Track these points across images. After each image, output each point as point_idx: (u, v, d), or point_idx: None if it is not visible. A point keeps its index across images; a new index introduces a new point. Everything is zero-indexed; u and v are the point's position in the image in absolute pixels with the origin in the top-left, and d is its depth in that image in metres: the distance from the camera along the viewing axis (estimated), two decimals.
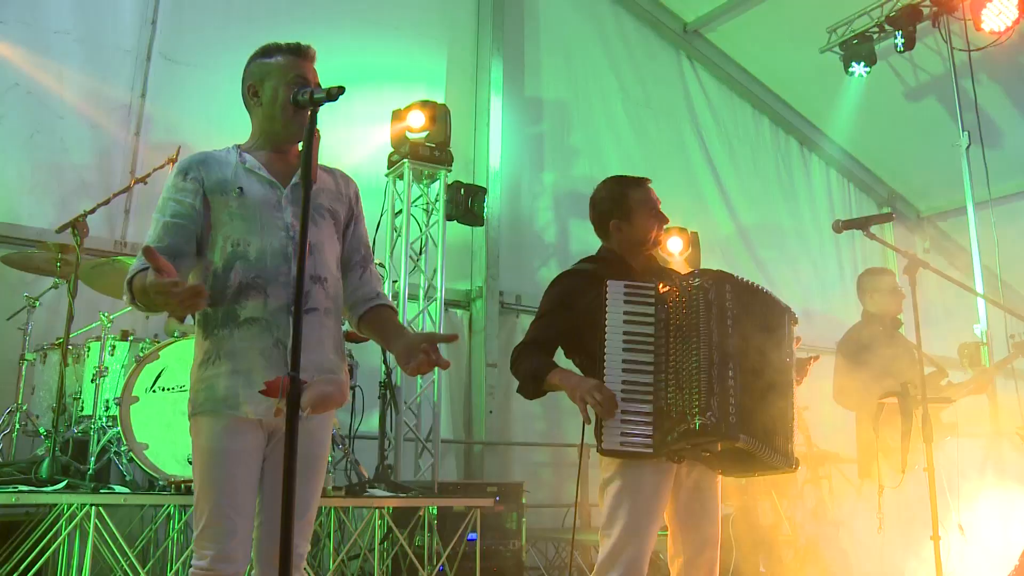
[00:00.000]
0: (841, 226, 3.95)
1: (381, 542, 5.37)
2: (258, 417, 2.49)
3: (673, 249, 8.05)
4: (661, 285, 2.95)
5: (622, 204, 3.27)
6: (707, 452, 2.89)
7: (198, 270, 2.62)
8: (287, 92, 2.60)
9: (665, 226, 3.29)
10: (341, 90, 2.33)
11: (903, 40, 7.90)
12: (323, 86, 2.43)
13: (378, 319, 2.80)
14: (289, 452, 2.16)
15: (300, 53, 2.68)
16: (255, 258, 2.54)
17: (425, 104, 6.84)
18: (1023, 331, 5.37)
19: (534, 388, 3.11)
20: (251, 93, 2.69)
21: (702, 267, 7.32)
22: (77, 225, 4.57)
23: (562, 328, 3.20)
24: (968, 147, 7.58)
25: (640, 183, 3.31)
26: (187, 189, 2.58)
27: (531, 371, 3.08)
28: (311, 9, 7.22)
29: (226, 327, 2.53)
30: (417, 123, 6.79)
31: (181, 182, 2.59)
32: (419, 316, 6.96)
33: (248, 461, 2.50)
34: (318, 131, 2.38)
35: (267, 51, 2.70)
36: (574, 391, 2.90)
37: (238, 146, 2.71)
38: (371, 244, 6.54)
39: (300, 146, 2.66)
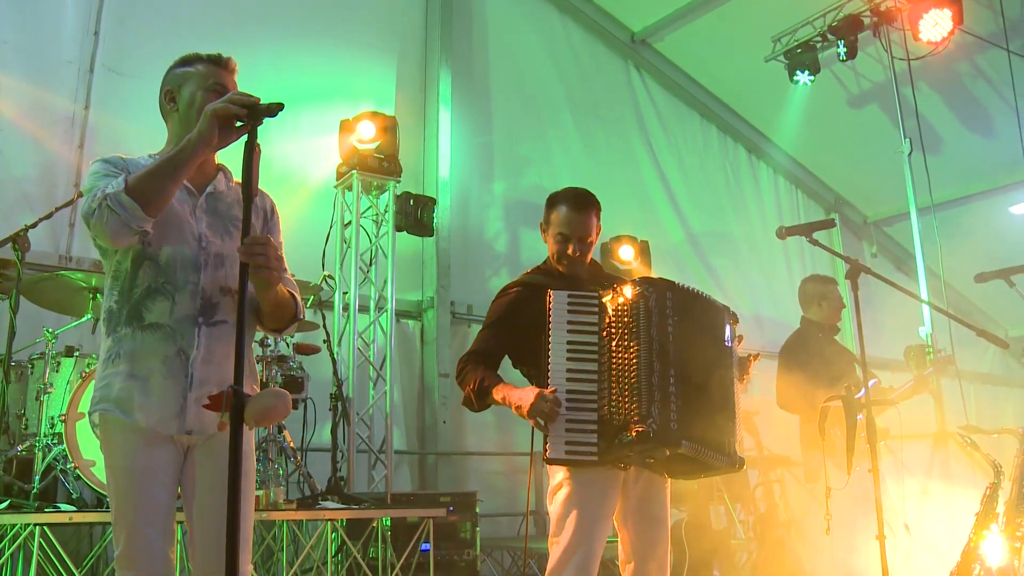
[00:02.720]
0: (784, 232, 3.99)
1: (335, 555, 5.34)
2: (148, 426, 2.43)
3: (625, 257, 8.13)
4: (603, 294, 2.98)
5: (547, 213, 3.35)
6: (651, 459, 2.93)
7: (109, 263, 2.58)
8: (205, 97, 2.59)
9: (567, 253, 3.24)
10: (280, 107, 2.34)
11: (845, 49, 8.06)
12: (265, 101, 2.42)
13: None
14: (233, 467, 2.14)
15: (220, 63, 2.68)
16: (164, 263, 2.50)
17: (374, 115, 6.86)
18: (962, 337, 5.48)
19: (478, 404, 3.15)
20: (168, 99, 2.67)
21: (651, 275, 7.37)
22: (17, 240, 4.49)
23: (508, 339, 3.23)
24: (910, 154, 7.76)
25: (574, 203, 3.28)
26: (115, 173, 2.50)
27: (475, 386, 3.12)
28: (258, 21, 7.17)
29: (129, 326, 2.49)
30: (366, 134, 6.79)
31: (110, 168, 2.54)
32: (370, 327, 6.94)
33: (163, 479, 2.45)
34: (259, 146, 2.38)
35: (186, 60, 2.69)
36: (520, 409, 2.92)
37: (154, 155, 2.65)
38: (321, 255, 6.54)
39: (218, 157, 2.70)
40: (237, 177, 2.75)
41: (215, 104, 2.39)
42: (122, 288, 2.52)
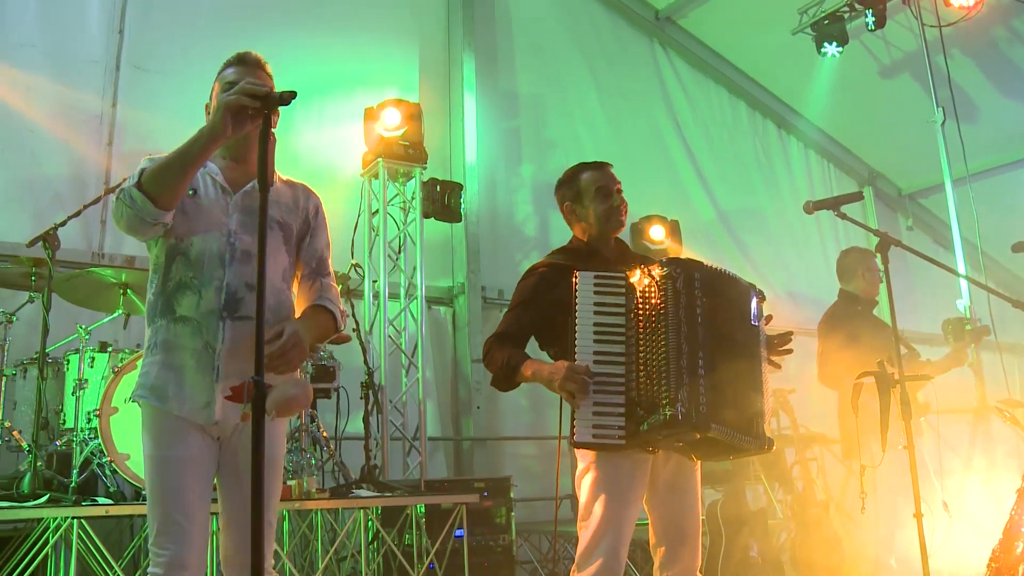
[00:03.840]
0: (812, 207, 3.93)
1: (370, 542, 5.37)
2: (180, 415, 2.53)
3: (656, 237, 8.07)
4: (630, 274, 2.94)
5: (573, 186, 3.32)
6: (680, 442, 2.89)
7: (151, 256, 2.69)
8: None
9: (615, 204, 3.24)
10: (293, 95, 2.36)
11: (874, 18, 7.91)
12: (286, 89, 2.43)
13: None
14: (256, 456, 2.15)
15: (241, 61, 2.75)
16: (194, 258, 2.60)
17: (398, 102, 6.87)
18: (1002, 309, 5.36)
19: (507, 381, 3.12)
20: (207, 111, 2.75)
21: (682, 254, 7.32)
22: (48, 238, 4.54)
23: (533, 321, 3.20)
24: (943, 123, 7.59)
25: (594, 165, 3.32)
26: None
27: (504, 364, 3.09)
28: (280, 12, 7.18)
29: (164, 317, 2.60)
30: (390, 122, 6.80)
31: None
32: (401, 314, 6.95)
33: (197, 468, 2.54)
34: (274, 135, 2.40)
35: (219, 71, 2.78)
36: (550, 383, 2.89)
37: None
38: (350, 245, 6.56)
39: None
40: (284, 174, 2.88)
41: (227, 96, 2.43)
42: (158, 281, 2.64)
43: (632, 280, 2.93)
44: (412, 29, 8.04)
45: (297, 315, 2.82)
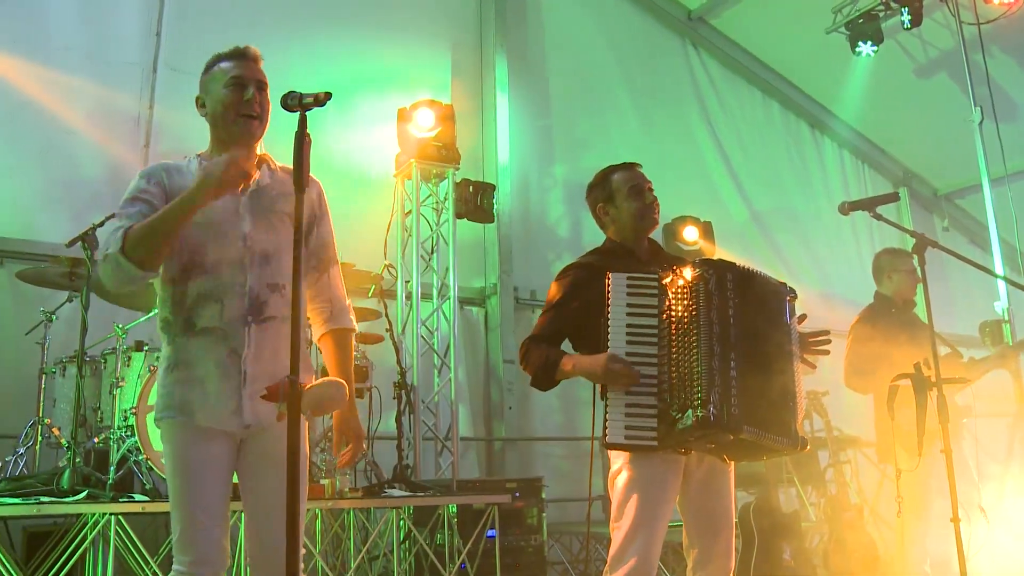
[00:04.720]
0: (847, 208, 3.90)
1: (402, 542, 5.39)
2: (208, 425, 2.53)
3: (689, 238, 8.05)
4: (663, 276, 2.93)
5: (605, 187, 3.32)
6: (712, 444, 2.88)
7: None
8: (223, 94, 2.65)
9: (648, 202, 3.25)
10: (328, 96, 2.33)
11: (910, 16, 7.81)
12: (320, 91, 2.42)
13: (327, 348, 2.88)
14: (292, 454, 2.17)
15: (238, 55, 2.72)
16: (211, 268, 2.57)
17: (431, 103, 6.90)
18: None
19: (547, 379, 3.11)
20: (199, 105, 2.74)
21: (715, 255, 7.28)
22: (86, 238, 4.61)
23: (567, 322, 3.20)
24: (981, 122, 7.47)
25: (624, 166, 3.33)
26: (152, 192, 2.60)
27: (542, 362, 3.08)
28: (314, 15, 7.23)
29: (184, 335, 2.57)
30: (423, 122, 6.83)
31: (145, 184, 2.62)
32: (433, 315, 6.98)
33: (217, 468, 2.54)
34: (309, 136, 2.39)
35: (209, 64, 2.75)
36: (594, 376, 2.90)
37: (199, 155, 2.74)
38: (383, 245, 6.58)
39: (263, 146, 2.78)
40: (281, 161, 2.82)
41: (222, 174, 2.46)
42: (174, 298, 2.60)
43: (665, 281, 2.92)
44: (444, 31, 8.09)
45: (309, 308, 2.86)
